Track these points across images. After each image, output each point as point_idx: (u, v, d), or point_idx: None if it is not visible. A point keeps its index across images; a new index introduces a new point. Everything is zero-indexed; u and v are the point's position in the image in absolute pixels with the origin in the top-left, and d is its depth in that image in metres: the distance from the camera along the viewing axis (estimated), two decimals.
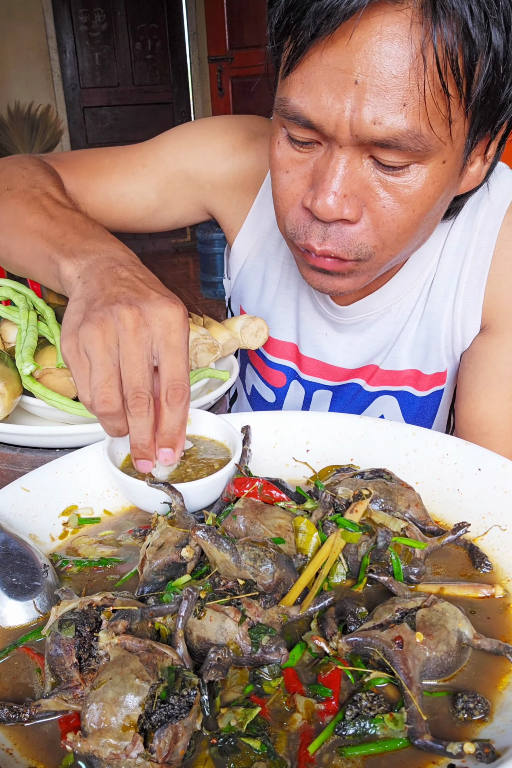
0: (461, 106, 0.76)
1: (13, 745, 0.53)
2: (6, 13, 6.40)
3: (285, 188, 0.86)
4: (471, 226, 1.00)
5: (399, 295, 1.06)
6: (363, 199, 0.80)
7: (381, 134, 0.74)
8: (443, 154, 0.78)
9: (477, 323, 1.03)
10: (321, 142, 0.80)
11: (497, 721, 0.53)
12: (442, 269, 1.03)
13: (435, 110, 0.74)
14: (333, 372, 1.17)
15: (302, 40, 0.74)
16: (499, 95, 0.77)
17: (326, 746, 0.52)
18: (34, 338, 0.93)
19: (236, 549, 0.63)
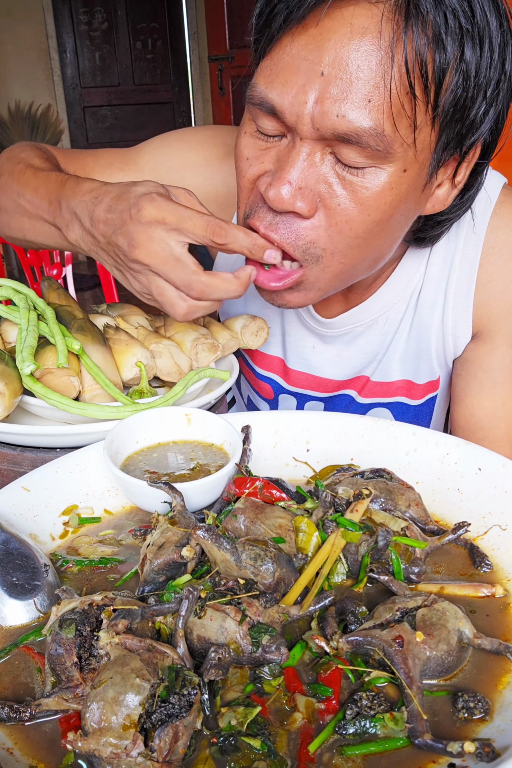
0: (428, 114, 0.74)
1: (13, 744, 0.53)
2: (6, 13, 6.40)
3: (244, 175, 0.85)
4: (456, 236, 0.98)
5: (386, 307, 1.05)
6: (319, 196, 0.78)
7: (343, 128, 0.72)
8: (405, 162, 0.76)
9: (468, 331, 1.01)
10: (286, 134, 0.79)
11: (497, 720, 0.53)
12: (429, 280, 1.01)
13: (401, 111, 0.72)
14: (323, 384, 1.16)
15: (275, 26, 0.74)
16: (468, 112, 0.76)
17: (326, 745, 0.52)
18: (34, 338, 0.93)
19: (236, 548, 0.63)
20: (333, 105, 0.71)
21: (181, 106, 7.42)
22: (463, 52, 0.71)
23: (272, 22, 0.75)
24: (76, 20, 6.86)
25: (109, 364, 0.96)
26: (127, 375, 0.98)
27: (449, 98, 0.73)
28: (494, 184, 0.98)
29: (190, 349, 1.03)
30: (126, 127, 7.27)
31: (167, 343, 1.01)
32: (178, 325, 1.06)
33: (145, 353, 0.99)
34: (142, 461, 0.85)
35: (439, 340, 1.04)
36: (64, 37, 6.86)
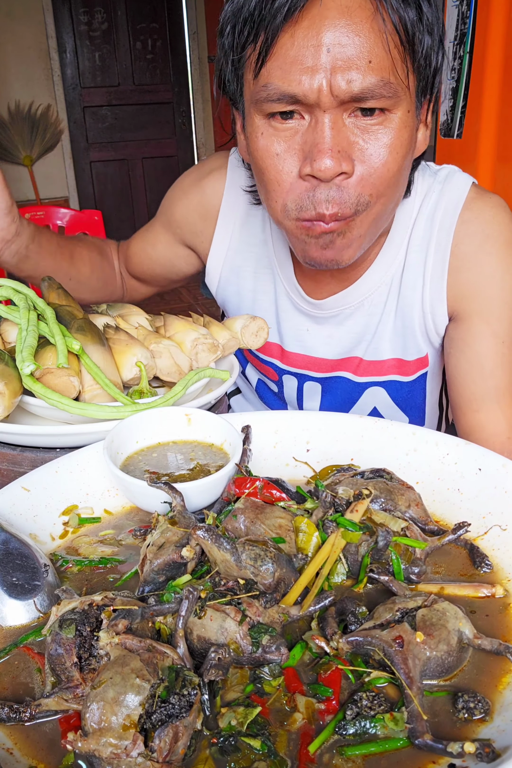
0: (409, 62, 0.88)
1: (13, 744, 0.53)
2: (6, 13, 6.40)
3: (280, 169, 0.92)
4: (431, 225, 1.10)
5: (370, 291, 1.15)
6: (354, 153, 0.89)
7: (356, 89, 0.84)
8: (407, 104, 0.90)
9: (444, 311, 1.12)
10: (304, 114, 0.88)
11: (497, 720, 0.53)
12: (409, 264, 1.12)
13: (396, 61, 0.86)
14: (319, 364, 1.24)
15: (272, 29, 0.84)
16: (431, 58, 0.91)
17: (326, 746, 0.52)
18: (34, 338, 0.93)
19: (236, 548, 0.63)
20: (344, 73, 0.83)
21: (180, 106, 7.41)
22: (422, 9, 0.86)
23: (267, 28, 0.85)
24: (76, 20, 6.85)
25: (108, 364, 0.96)
26: (127, 375, 0.98)
27: (420, 47, 0.88)
28: (464, 183, 1.10)
29: (190, 349, 1.03)
30: (126, 127, 7.26)
31: (167, 343, 1.01)
32: (178, 325, 1.06)
33: (145, 353, 0.99)
34: (141, 461, 0.85)
35: (421, 318, 1.14)
36: (63, 37, 6.85)
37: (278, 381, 1.32)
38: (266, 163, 0.93)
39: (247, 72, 0.92)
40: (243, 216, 1.23)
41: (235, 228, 1.24)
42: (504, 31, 2.72)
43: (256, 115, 0.92)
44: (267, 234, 1.21)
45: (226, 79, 0.98)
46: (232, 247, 1.25)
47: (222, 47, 0.95)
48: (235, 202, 1.23)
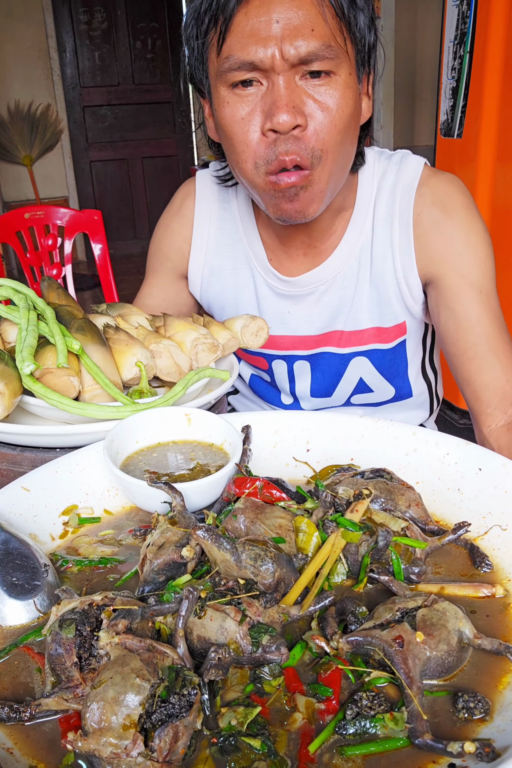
0: (346, 32, 1.01)
1: (13, 744, 0.53)
2: (6, 12, 6.40)
3: (246, 130, 1.04)
4: (393, 201, 1.22)
5: (341, 267, 1.25)
6: (307, 109, 1.01)
7: (304, 52, 0.98)
8: (347, 66, 1.03)
9: (415, 276, 1.22)
10: (261, 80, 1.01)
11: (497, 720, 0.53)
12: (377, 237, 1.23)
13: (334, 28, 1.00)
14: (303, 341, 1.33)
15: (229, 11, 0.98)
16: (366, 36, 1.05)
17: (326, 746, 0.52)
18: (34, 338, 0.93)
19: (236, 548, 0.63)
20: (292, 40, 0.97)
21: (180, 105, 7.42)
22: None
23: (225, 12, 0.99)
24: (76, 20, 6.85)
25: (108, 364, 0.96)
26: (127, 375, 0.98)
27: (355, 21, 1.02)
28: (418, 163, 1.23)
29: (190, 349, 1.03)
30: (126, 127, 7.27)
31: (167, 343, 1.01)
32: (177, 325, 1.06)
33: (144, 353, 0.99)
34: (141, 461, 0.85)
35: (395, 286, 1.24)
36: (63, 36, 6.85)
37: (269, 369, 1.39)
38: (233, 128, 1.05)
39: (211, 53, 1.06)
40: (216, 222, 1.35)
41: (210, 234, 1.35)
42: (504, 31, 2.72)
43: (221, 87, 1.05)
44: (240, 233, 1.32)
45: (193, 68, 1.12)
46: (209, 250, 1.35)
47: (187, 41, 1.10)
48: (207, 213, 1.35)
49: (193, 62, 1.11)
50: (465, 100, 2.95)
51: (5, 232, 3.04)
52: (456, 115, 3.03)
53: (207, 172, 1.37)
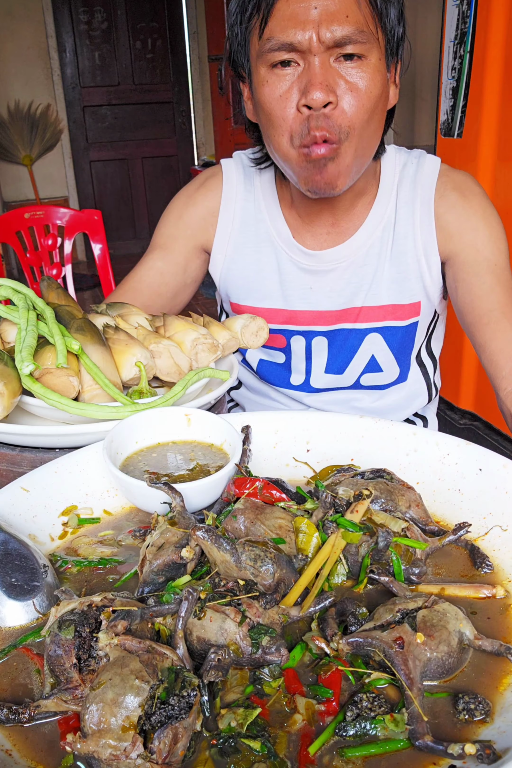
0: (377, 20, 1.10)
1: (12, 745, 0.53)
2: (6, 12, 6.40)
3: (283, 106, 1.13)
4: (415, 187, 1.33)
5: (363, 244, 1.34)
6: (339, 88, 1.10)
7: (339, 36, 1.07)
8: (378, 52, 1.12)
9: (435, 251, 1.32)
10: (298, 61, 1.11)
11: (498, 722, 0.53)
12: (400, 218, 1.33)
13: (367, 15, 1.09)
14: (324, 317, 1.39)
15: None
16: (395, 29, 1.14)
17: (326, 747, 0.52)
18: (33, 338, 0.93)
19: (236, 549, 0.63)
20: (328, 25, 1.07)
21: (180, 105, 7.41)
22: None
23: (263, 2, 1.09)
24: (76, 20, 6.85)
25: (108, 364, 0.96)
26: (127, 375, 0.98)
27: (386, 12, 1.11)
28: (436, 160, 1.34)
29: (190, 349, 1.02)
30: (125, 127, 7.26)
31: (167, 343, 1.01)
32: (177, 325, 1.06)
33: (144, 353, 0.98)
34: (141, 461, 0.85)
35: (415, 262, 1.33)
36: (63, 36, 6.85)
37: (286, 347, 1.44)
38: (272, 105, 1.14)
39: (253, 36, 1.16)
40: (240, 203, 1.42)
41: (235, 214, 1.41)
42: (504, 31, 2.72)
43: (261, 67, 1.14)
44: (263, 213, 1.39)
45: (235, 53, 1.22)
46: (234, 229, 1.41)
47: (231, 27, 1.19)
48: (233, 195, 1.42)
49: (235, 47, 1.21)
50: (465, 100, 2.95)
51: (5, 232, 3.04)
52: (456, 115, 3.03)
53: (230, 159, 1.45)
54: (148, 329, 1.08)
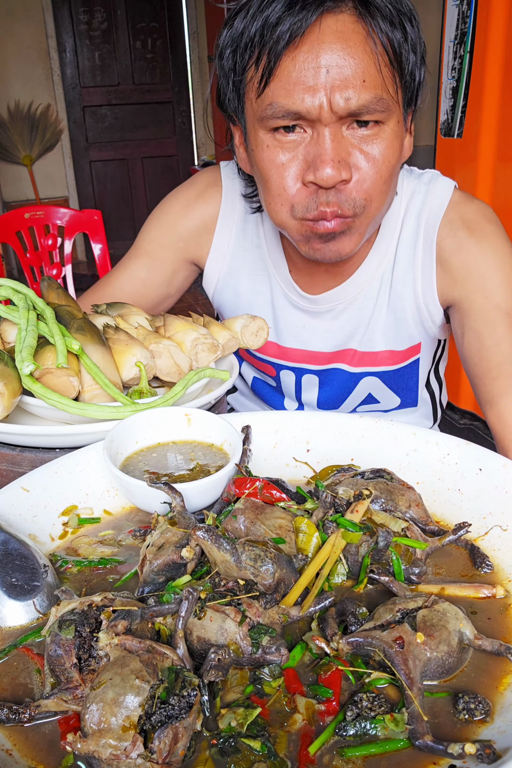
0: (398, 79, 0.97)
1: (12, 745, 0.53)
2: (6, 12, 6.40)
3: (285, 176, 1.00)
4: (418, 224, 1.19)
5: (362, 286, 1.23)
6: (352, 161, 0.98)
7: (354, 106, 0.93)
8: (397, 115, 1.00)
9: (436, 300, 1.20)
10: (306, 128, 0.97)
11: (498, 721, 0.53)
12: (399, 260, 1.21)
13: (387, 78, 0.95)
14: (316, 357, 1.31)
15: (275, 54, 0.92)
16: (415, 73, 1.00)
17: (326, 747, 0.52)
18: (33, 338, 0.93)
19: (236, 549, 0.63)
20: (342, 92, 0.92)
21: (180, 105, 7.41)
22: (406, 30, 0.96)
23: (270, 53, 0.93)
24: (76, 20, 6.85)
25: (108, 364, 0.96)
26: (127, 375, 0.98)
27: (407, 64, 0.97)
28: (448, 186, 1.19)
29: (190, 349, 1.02)
30: (125, 127, 7.26)
31: (167, 343, 1.01)
32: (177, 325, 1.06)
33: (144, 353, 0.99)
34: (141, 461, 0.85)
35: (414, 310, 1.22)
36: (63, 36, 6.85)
37: (276, 377, 1.37)
38: (272, 172, 1.01)
39: (249, 91, 1.00)
40: (239, 223, 1.30)
41: (231, 234, 1.31)
42: (504, 31, 2.72)
43: (260, 130, 1.00)
44: (261, 239, 1.28)
45: (227, 99, 1.05)
46: (229, 251, 1.31)
47: (222, 69, 1.02)
48: (232, 211, 1.30)
49: (227, 93, 1.04)
50: (465, 100, 2.95)
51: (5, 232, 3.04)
52: (456, 115, 3.03)
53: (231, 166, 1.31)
54: (148, 329, 1.08)
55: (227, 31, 1.00)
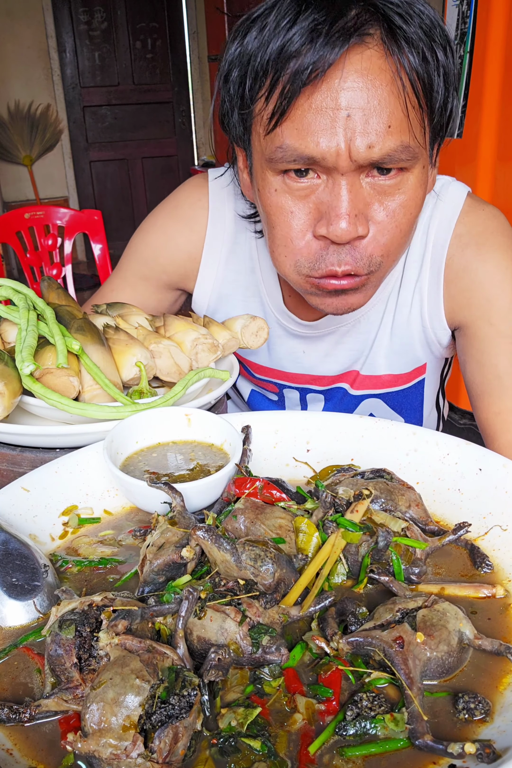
0: (427, 121, 0.87)
1: (13, 745, 0.53)
2: (6, 12, 6.40)
3: (293, 227, 0.91)
4: (426, 241, 1.10)
5: (366, 308, 1.14)
6: (370, 215, 0.88)
7: (376, 156, 0.83)
8: (423, 160, 0.89)
9: (443, 323, 1.12)
10: (320, 174, 0.87)
11: (498, 721, 0.53)
12: (405, 282, 1.12)
13: (414, 123, 0.85)
14: (319, 379, 1.25)
15: (291, 91, 0.81)
16: (448, 106, 0.90)
17: (326, 746, 0.52)
18: (34, 338, 0.93)
19: (236, 549, 0.63)
20: (363, 138, 0.82)
21: (180, 105, 7.41)
22: (438, 59, 0.85)
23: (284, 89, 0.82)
24: (76, 20, 6.85)
25: (108, 364, 0.96)
26: (127, 375, 0.98)
27: (437, 98, 0.87)
28: (459, 195, 1.09)
29: (190, 349, 1.02)
30: (125, 127, 7.26)
31: (167, 343, 1.01)
32: (177, 325, 1.06)
33: (144, 353, 0.99)
34: (141, 461, 0.85)
35: (421, 334, 1.15)
36: (63, 36, 6.85)
37: (279, 393, 1.31)
38: (279, 219, 0.91)
39: (257, 125, 0.89)
40: (229, 245, 1.20)
41: (221, 258, 1.21)
42: (504, 31, 2.72)
43: (268, 170, 0.90)
44: (254, 262, 1.19)
45: (231, 124, 0.95)
46: (219, 277, 1.22)
47: (227, 92, 0.92)
48: (221, 233, 1.19)
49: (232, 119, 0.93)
50: (465, 100, 2.95)
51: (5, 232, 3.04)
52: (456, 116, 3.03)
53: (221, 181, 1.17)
54: (148, 329, 1.09)
55: (236, 47, 0.88)
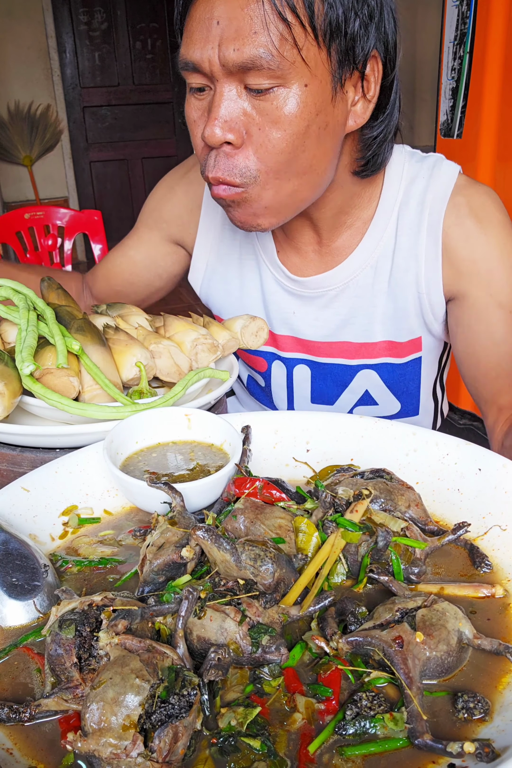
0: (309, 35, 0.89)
1: (13, 744, 0.53)
2: (6, 12, 6.40)
3: (195, 134, 1.00)
4: (422, 209, 1.13)
5: (354, 273, 1.18)
6: (244, 126, 0.93)
7: (241, 59, 0.88)
8: (303, 78, 0.90)
9: (440, 291, 1.15)
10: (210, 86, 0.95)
11: (497, 720, 0.53)
12: (400, 248, 1.15)
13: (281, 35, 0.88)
14: (307, 346, 1.27)
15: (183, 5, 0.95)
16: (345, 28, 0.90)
17: (326, 746, 0.52)
18: (34, 338, 0.93)
19: (236, 549, 0.63)
20: (230, 44, 0.89)
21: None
22: None
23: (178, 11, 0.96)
24: (76, 20, 6.85)
25: (108, 365, 0.96)
26: (127, 375, 0.98)
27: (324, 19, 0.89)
28: (452, 170, 1.13)
29: (190, 350, 1.03)
30: (125, 127, 7.26)
31: (167, 343, 1.01)
32: (177, 326, 1.06)
33: (144, 353, 0.99)
34: (141, 461, 0.85)
35: (416, 300, 1.17)
36: (63, 36, 6.85)
37: (266, 372, 1.34)
38: (191, 129, 1.02)
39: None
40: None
41: (217, 218, 1.28)
42: (504, 31, 2.72)
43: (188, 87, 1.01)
44: None
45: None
46: (216, 236, 1.29)
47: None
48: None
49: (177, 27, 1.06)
50: (465, 100, 2.95)
51: (5, 232, 3.04)
52: (456, 115, 3.03)
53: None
54: (148, 329, 1.09)
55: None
